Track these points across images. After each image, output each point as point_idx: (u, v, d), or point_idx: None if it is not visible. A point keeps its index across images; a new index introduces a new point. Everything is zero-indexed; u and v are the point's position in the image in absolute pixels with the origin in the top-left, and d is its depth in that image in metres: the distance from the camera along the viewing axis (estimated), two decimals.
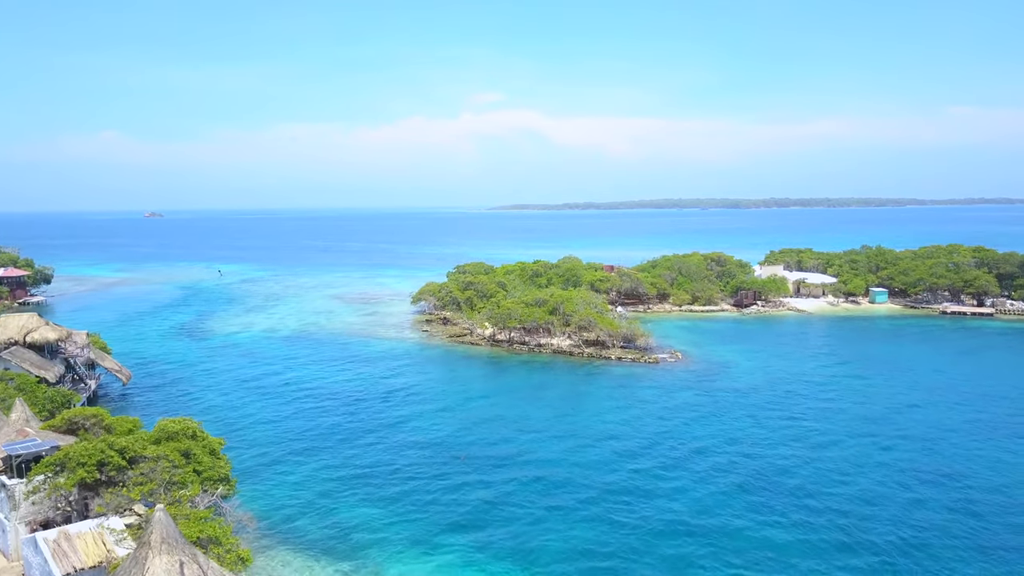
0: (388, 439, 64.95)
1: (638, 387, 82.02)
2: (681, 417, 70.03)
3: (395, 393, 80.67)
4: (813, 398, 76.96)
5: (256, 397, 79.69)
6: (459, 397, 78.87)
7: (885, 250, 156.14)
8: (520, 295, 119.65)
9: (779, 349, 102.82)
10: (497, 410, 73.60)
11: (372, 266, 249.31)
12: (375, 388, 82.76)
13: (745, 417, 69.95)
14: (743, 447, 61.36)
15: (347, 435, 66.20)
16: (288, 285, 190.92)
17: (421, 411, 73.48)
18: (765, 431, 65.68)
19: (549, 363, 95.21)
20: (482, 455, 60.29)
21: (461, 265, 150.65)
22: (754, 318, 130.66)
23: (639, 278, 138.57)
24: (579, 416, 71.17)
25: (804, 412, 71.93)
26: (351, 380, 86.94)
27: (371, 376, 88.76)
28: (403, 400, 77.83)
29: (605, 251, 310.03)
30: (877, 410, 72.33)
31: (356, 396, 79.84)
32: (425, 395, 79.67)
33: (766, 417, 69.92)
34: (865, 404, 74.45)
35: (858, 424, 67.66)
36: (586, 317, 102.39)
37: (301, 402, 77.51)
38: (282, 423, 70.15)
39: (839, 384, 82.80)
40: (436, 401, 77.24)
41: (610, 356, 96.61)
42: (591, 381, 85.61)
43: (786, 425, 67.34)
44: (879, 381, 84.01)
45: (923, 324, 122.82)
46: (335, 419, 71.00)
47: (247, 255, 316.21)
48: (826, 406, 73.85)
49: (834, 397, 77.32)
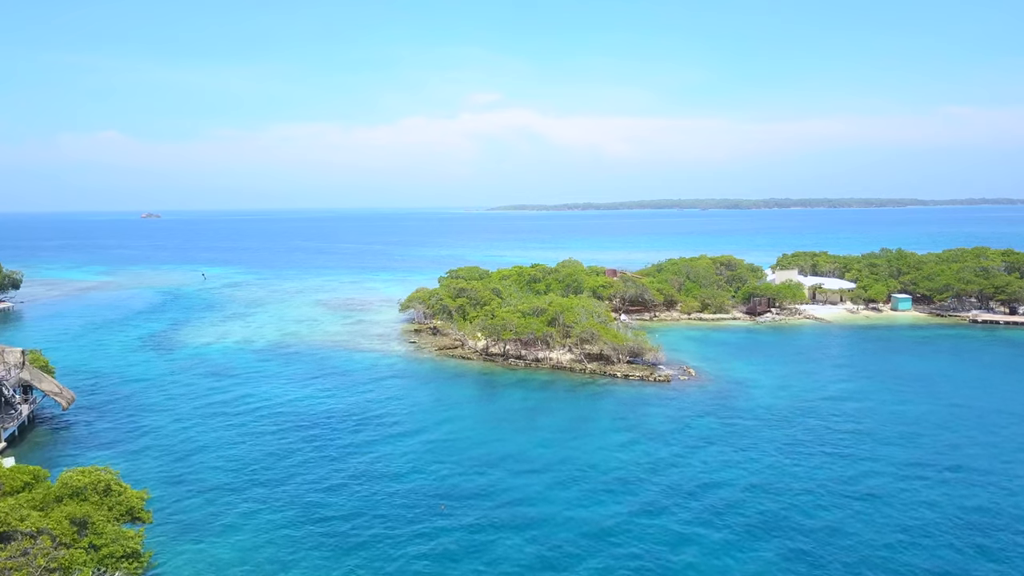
0: (358, 479, 55.33)
1: (648, 413, 72.37)
2: (701, 455, 60.35)
3: (371, 420, 71.00)
4: (846, 425, 67.36)
5: (215, 423, 70.02)
6: (444, 426, 69.20)
7: (907, 253, 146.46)
8: (516, 303, 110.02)
9: (800, 364, 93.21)
10: (486, 443, 63.95)
11: (363, 269, 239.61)
12: (350, 413, 73.09)
13: (774, 453, 60.33)
14: (779, 496, 51.71)
15: (312, 473, 56.61)
16: (273, 290, 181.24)
17: (399, 444, 63.82)
18: (800, 472, 56.05)
19: (548, 382, 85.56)
20: (465, 505, 50.62)
21: (454, 270, 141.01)
22: (769, 327, 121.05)
23: (645, 284, 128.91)
24: (581, 452, 61.50)
25: (839, 444, 62.35)
26: (325, 402, 77.31)
27: (347, 398, 79.12)
28: (379, 429, 68.16)
29: (606, 253, 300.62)
30: (923, 441, 62.73)
31: (328, 423, 70.24)
32: (405, 423, 69.98)
33: (798, 452, 60.29)
34: (907, 432, 64.84)
35: (904, 458, 58.09)
36: (588, 329, 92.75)
37: (265, 430, 67.83)
38: (240, 457, 60.50)
39: (873, 408, 73.18)
40: (418, 431, 67.56)
41: (615, 373, 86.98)
42: (594, 405, 75.94)
43: (822, 463, 57.71)
44: (917, 403, 74.40)
45: (953, 334, 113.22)
46: (301, 452, 61.34)
47: (237, 257, 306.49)
48: (863, 436, 64.25)
49: (870, 425, 67.68)
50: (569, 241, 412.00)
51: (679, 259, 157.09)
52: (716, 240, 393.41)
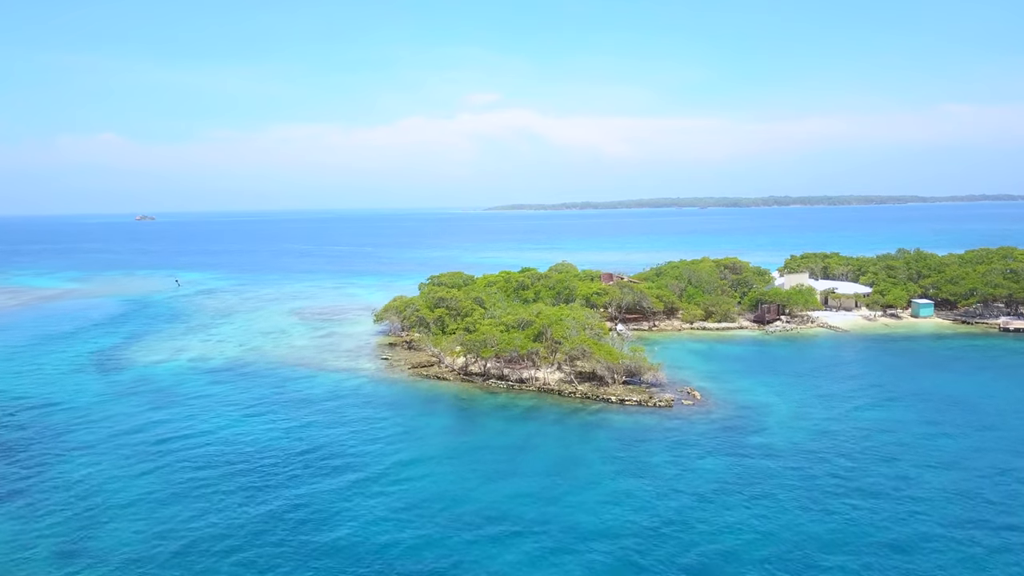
0: (297, 540, 44.73)
1: (647, 451, 61.67)
2: (706, 511, 49.67)
3: (325, 459, 60.33)
4: (878, 468, 56.70)
5: (141, 468, 59.40)
6: (404, 470, 58.53)
7: (926, 254, 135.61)
8: (501, 314, 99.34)
9: (817, 384, 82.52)
10: (452, 494, 53.30)
11: (348, 273, 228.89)
12: (297, 451, 62.39)
13: (792, 507, 49.68)
14: (811, 559, 41.06)
15: (243, 533, 46.14)
16: (248, 297, 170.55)
17: (346, 496, 53.14)
18: (825, 534, 45.45)
19: (532, 408, 74.83)
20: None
21: (435, 276, 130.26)
22: (779, 338, 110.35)
23: (643, 290, 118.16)
24: (566, 507, 50.89)
25: (873, 488, 51.92)
26: (272, 438, 66.65)
27: (299, 431, 68.44)
28: (332, 471, 57.49)
29: (603, 254, 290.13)
30: (973, 486, 52.15)
31: (273, 462, 59.73)
32: (358, 466, 59.25)
33: (822, 505, 49.66)
34: (953, 476, 54.24)
35: (956, 515, 47.50)
36: (579, 345, 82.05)
37: (198, 476, 57.21)
38: (161, 517, 49.85)
39: (907, 442, 62.52)
40: (371, 478, 56.88)
41: (610, 396, 76.29)
42: (585, 440, 65.15)
43: (853, 521, 47.09)
44: (957, 434, 63.77)
45: (984, 345, 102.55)
46: (235, 507, 50.77)
47: (219, 261, 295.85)
48: (900, 482, 53.67)
49: (907, 465, 57.03)
50: (565, 242, 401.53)
51: (680, 262, 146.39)
52: (716, 240, 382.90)
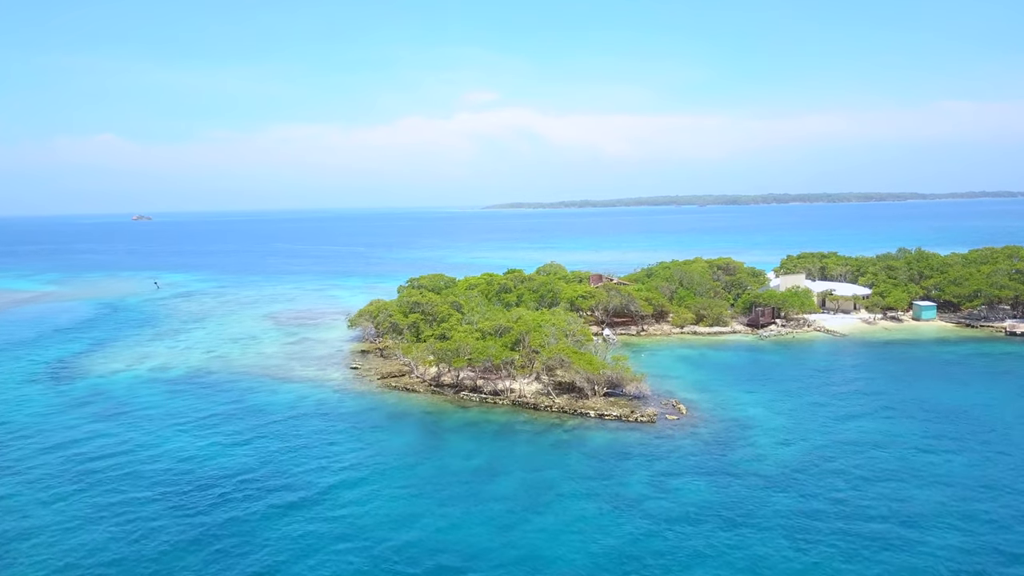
0: (210, 572, 39.27)
1: (625, 473, 56.12)
2: (687, 537, 44.26)
3: (268, 480, 54.76)
4: (875, 489, 51.37)
5: (62, 487, 54.15)
6: (356, 491, 52.98)
7: (928, 254, 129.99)
8: (479, 319, 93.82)
9: (812, 394, 76.95)
10: (407, 525, 47.78)
11: (334, 274, 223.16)
12: (244, 470, 56.82)
13: (781, 537, 44.21)
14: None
15: (151, 566, 40.61)
16: (226, 300, 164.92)
17: (289, 521, 47.56)
18: (818, 563, 39.93)
19: (505, 425, 69.21)
20: None
21: (415, 278, 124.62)
22: (773, 343, 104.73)
23: (630, 293, 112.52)
24: (533, 542, 45.39)
25: (868, 514, 46.41)
26: (218, 453, 61.21)
27: (249, 447, 62.93)
28: (272, 494, 51.90)
29: (598, 254, 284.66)
30: (981, 514, 46.63)
31: (209, 483, 54.45)
32: (307, 484, 53.69)
33: (813, 537, 44.19)
34: (958, 506, 48.69)
35: (955, 538, 41.97)
36: (557, 355, 76.45)
37: (124, 496, 51.80)
38: (64, 541, 44.42)
39: (908, 461, 57.02)
40: (318, 501, 51.32)
41: (589, 411, 70.69)
42: (559, 462, 59.45)
43: (850, 552, 41.53)
44: (962, 452, 58.29)
45: (990, 351, 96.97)
46: (152, 533, 45.25)
47: (206, 261, 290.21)
48: (899, 505, 48.26)
49: (909, 488, 51.60)
50: (561, 241, 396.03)
51: (671, 262, 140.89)
52: (714, 238, 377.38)
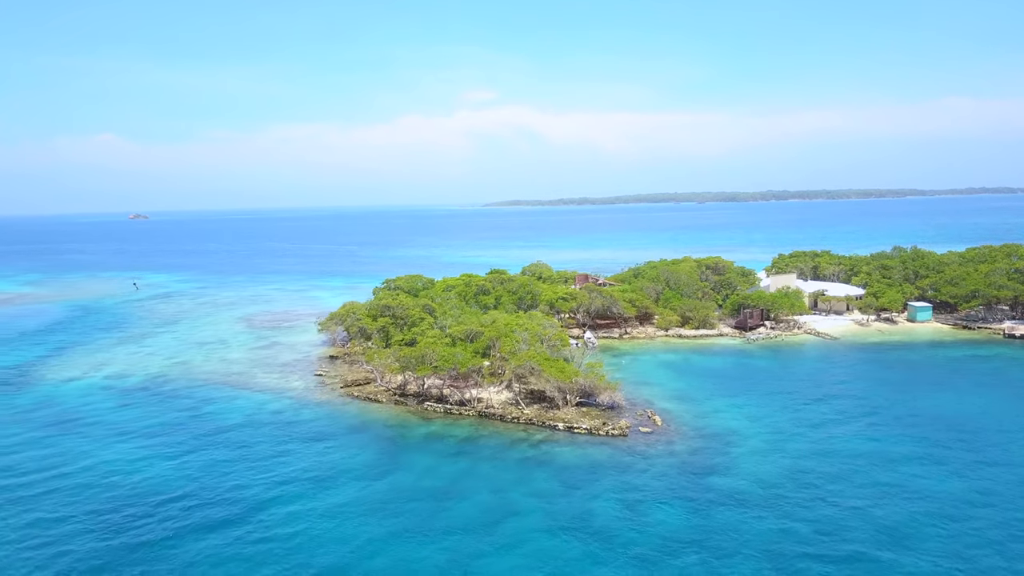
0: None
1: (592, 492, 51.55)
2: (655, 573, 39.66)
3: (202, 505, 50.20)
4: (861, 510, 46.79)
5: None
6: (297, 519, 48.37)
7: (924, 253, 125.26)
8: (451, 324, 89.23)
9: (799, 404, 72.30)
10: (344, 553, 43.33)
11: (319, 274, 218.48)
12: (179, 492, 52.27)
13: (758, 564, 39.60)
14: None
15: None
16: (203, 301, 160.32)
17: (215, 552, 43.02)
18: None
19: (468, 439, 64.59)
20: None
21: (392, 279, 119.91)
22: (761, 347, 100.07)
23: (613, 295, 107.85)
24: (480, 571, 40.76)
25: (855, 541, 41.80)
26: (157, 472, 56.78)
27: (192, 465, 58.38)
28: (204, 520, 47.35)
29: (592, 252, 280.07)
30: (969, 539, 42.07)
31: (138, 507, 50.05)
32: (245, 509, 49.11)
33: (796, 568, 39.56)
34: (946, 524, 44.13)
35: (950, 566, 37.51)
36: (527, 362, 71.80)
37: (41, 523, 47.17)
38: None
39: (904, 482, 52.45)
40: (254, 530, 46.70)
41: (558, 423, 66.05)
42: (522, 482, 54.71)
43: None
44: (962, 472, 53.71)
45: (988, 354, 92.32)
46: (57, 568, 40.67)
47: (193, 261, 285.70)
48: (885, 530, 43.67)
49: (894, 509, 47.00)
50: (555, 239, 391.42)
51: (660, 262, 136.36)
52: (710, 235, 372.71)
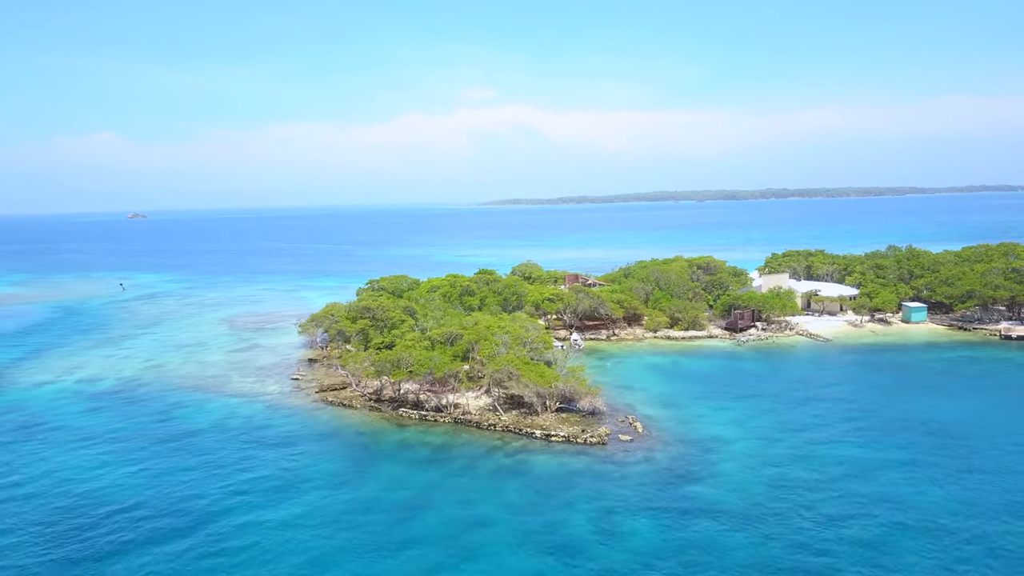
0: None
1: (566, 504, 49.22)
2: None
3: (157, 518, 47.87)
4: (846, 526, 44.41)
5: None
6: (257, 534, 46.00)
7: (919, 252, 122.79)
8: (432, 326, 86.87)
9: (787, 409, 69.90)
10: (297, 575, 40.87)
11: (310, 273, 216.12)
12: (135, 503, 49.98)
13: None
14: None
15: None
16: (189, 301, 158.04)
17: (160, 572, 40.69)
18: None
19: (442, 447, 62.22)
20: None
21: (376, 279, 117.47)
22: (752, 349, 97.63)
23: (601, 296, 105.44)
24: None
25: (839, 559, 39.37)
26: (115, 482, 54.59)
27: (152, 474, 56.14)
28: (154, 534, 44.98)
29: (587, 251, 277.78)
30: (958, 553, 39.67)
31: (89, 520, 47.64)
32: (202, 524, 46.82)
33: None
34: (934, 542, 41.74)
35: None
36: (504, 367, 69.40)
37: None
38: None
39: (884, 490, 50.13)
40: (206, 547, 44.34)
41: (535, 430, 63.66)
42: (495, 490, 52.36)
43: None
44: (945, 480, 51.27)
45: (983, 356, 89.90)
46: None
47: (184, 261, 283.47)
48: (869, 546, 41.25)
49: (887, 529, 44.60)
50: (552, 238, 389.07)
51: (651, 261, 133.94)
52: (708, 234, 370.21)
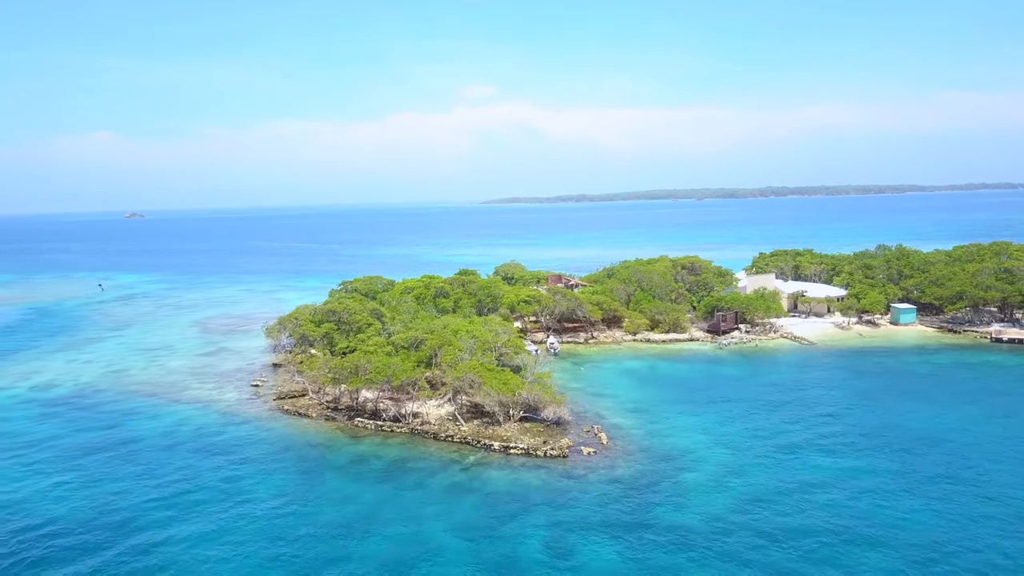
0: None
1: (521, 527, 45.86)
2: None
3: (70, 536, 44.45)
4: (821, 553, 41.07)
5: None
6: (183, 560, 42.58)
7: (909, 251, 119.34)
8: (399, 330, 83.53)
9: (763, 419, 66.51)
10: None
11: (294, 273, 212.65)
12: (51, 525, 46.43)
13: None
14: None
15: None
16: (166, 303, 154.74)
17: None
18: None
19: (396, 461, 58.76)
20: None
21: (349, 281, 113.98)
22: (733, 352, 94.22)
23: (579, 298, 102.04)
24: None
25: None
26: (39, 501, 51.07)
27: (84, 490, 52.81)
28: (59, 561, 41.54)
29: (579, 250, 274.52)
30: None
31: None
32: (111, 551, 43.30)
33: None
34: (915, 569, 38.46)
35: None
36: (466, 375, 66.02)
37: None
38: None
39: (862, 509, 46.78)
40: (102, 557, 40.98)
41: (493, 442, 60.26)
42: (448, 509, 48.94)
43: None
44: (927, 497, 47.91)
45: (973, 362, 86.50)
46: None
47: (171, 261, 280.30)
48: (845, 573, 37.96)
49: (860, 554, 41.23)
50: (545, 237, 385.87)
51: (635, 261, 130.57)
52: (704, 232, 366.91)
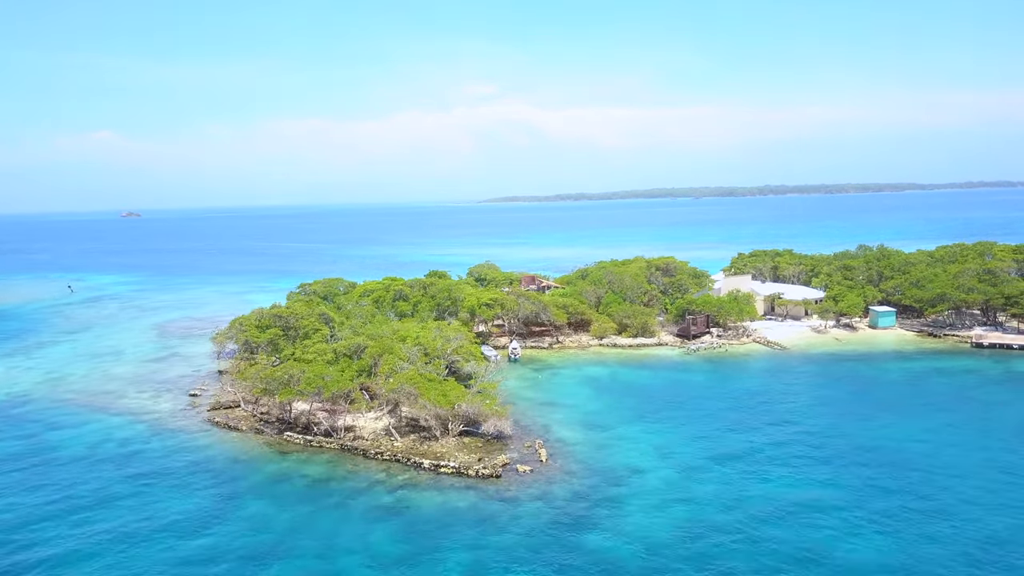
0: None
1: (440, 559, 41.61)
2: None
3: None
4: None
5: None
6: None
7: (890, 251, 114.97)
8: (349, 335, 79.27)
9: (723, 433, 62.17)
10: None
11: (271, 274, 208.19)
12: None
13: None
14: None
15: None
16: (131, 305, 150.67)
17: None
18: None
19: (319, 479, 54.52)
20: None
21: (307, 283, 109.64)
22: (702, 358, 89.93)
23: (543, 301, 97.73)
24: None
25: None
26: None
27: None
28: None
29: (568, 249, 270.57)
30: None
31: None
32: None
33: None
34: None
35: None
36: (401, 385, 61.76)
37: None
38: None
39: (820, 540, 42.55)
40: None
41: (423, 460, 55.91)
42: (364, 536, 44.66)
43: None
44: (894, 525, 43.68)
45: (953, 367, 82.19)
46: None
47: (150, 261, 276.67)
48: None
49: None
50: (537, 236, 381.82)
51: (610, 262, 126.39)
52: (700, 231, 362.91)
